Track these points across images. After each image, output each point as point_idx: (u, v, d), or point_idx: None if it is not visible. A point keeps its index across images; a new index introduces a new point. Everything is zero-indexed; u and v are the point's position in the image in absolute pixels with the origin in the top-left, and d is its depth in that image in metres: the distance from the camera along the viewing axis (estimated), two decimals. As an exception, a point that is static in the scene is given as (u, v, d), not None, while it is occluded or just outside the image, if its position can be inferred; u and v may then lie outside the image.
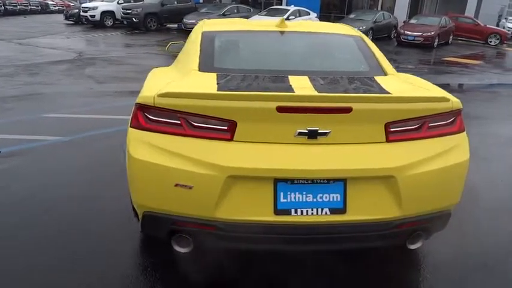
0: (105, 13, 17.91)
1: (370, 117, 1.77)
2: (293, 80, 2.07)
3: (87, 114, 5.34)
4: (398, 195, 1.80)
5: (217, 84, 1.97)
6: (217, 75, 2.13)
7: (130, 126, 1.93)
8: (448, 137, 1.92)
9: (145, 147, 1.84)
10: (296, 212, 1.78)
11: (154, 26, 17.40)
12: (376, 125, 1.79)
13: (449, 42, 17.98)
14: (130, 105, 2.09)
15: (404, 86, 2.11)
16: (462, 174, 1.94)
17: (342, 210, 1.79)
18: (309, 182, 1.77)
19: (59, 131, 4.58)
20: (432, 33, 16.39)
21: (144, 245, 2.52)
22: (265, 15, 17.34)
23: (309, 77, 2.11)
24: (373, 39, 17.24)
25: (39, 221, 2.75)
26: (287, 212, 1.78)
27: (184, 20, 16.86)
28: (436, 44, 16.71)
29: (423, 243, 2.11)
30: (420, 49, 15.90)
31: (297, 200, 1.78)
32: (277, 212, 1.77)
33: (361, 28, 16.98)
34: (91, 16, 17.86)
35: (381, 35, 18.50)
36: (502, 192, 3.47)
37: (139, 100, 1.89)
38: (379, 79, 2.18)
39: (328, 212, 1.79)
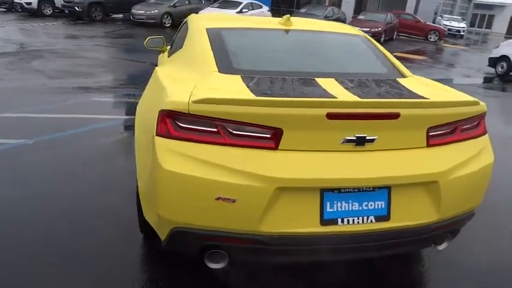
0: (43, 0, 16.57)
1: (415, 123, 1.74)
2: (323, 83, 1.99)
3: (49, 114, 4.89)
4: (438, 199, 1.80)
5: (248, 88, 1.84)
6: (241, 77, 1.99)
7: (157, 135, 1.74)
8: (476, 139, 1.95)
9: (178, 158, 1.68)
10: (343, 221, 1.72)
11: (99, 16, 16.41)
12: (420, 130, 1.78)
13: (394, 38, 18.89)
14: (93, 102, 1.88)
15: (431, 89, 2.11)
16: (489, 175, 2.00)
17: (386, 218, 1.76)
18: (355, 190, 1.71)
19: (22, 133, 4.14)
20: (379, 29, 17.09)
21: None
22: (218, 7, 17.05)
23: (336, 80, 2.05)
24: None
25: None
26: (334, 222, 1.71)
27: (132, 10, 16.09)
28: (382, 39, 17.46)
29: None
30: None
31: (343, 209, 1.71)
32: (323, 222, 1.70)
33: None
34: (27, 3, 16.43)
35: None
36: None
37: (169, 106, 1.71)
38: (403, 82, 2.17)
39: (373, 220, 1.75)
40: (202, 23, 2.68)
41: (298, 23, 2.80)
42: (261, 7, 18.19)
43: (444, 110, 1.78)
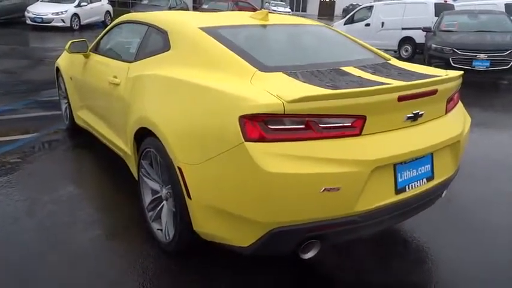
0: None
1: (443, 96, 2.12)
2: (351, 71, 2.21)
3: None
4: (456, 155, 2.26)
5: (307, 82, 1.93)
6: (286, 74, 2.05)
7: (247, 140, 1.70)
8: (460, 104, 2.48)
9: (278, 159, 1.69)
10: (409, 187, 2.00)
11: None
12: (443, 101, 2.17)
13: (236, 25, 19.95)
14: None
15: (423, 68, 2.52)
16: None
17: (432, 177, 2.12)
18: (413, 159, 2.01)
19: None
20: (225, 16, 17.79)
21: None
22: (49, 1, 15.10)
23: (355, 67, 2.29)
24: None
25: None
26: (404, 190, 1.98)
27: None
28: (229, 26, 18.25)
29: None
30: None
31: (407, 177, 2.00)
32: (397, 191, 1.96)
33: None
34: None
35: (177, 19, 18.86)
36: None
37: (260, 109, 1.68)
38: (398, 64, 2.55)
39: (425, 181, 2.08)
40: (187, 23, 2.57)
41: (274, 18, 2.90)
42: (100, 0, 16.84)
43: (455, 83, 2.21)
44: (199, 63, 2.27)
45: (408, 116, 1.95)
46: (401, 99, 1.86)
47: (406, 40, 11.65)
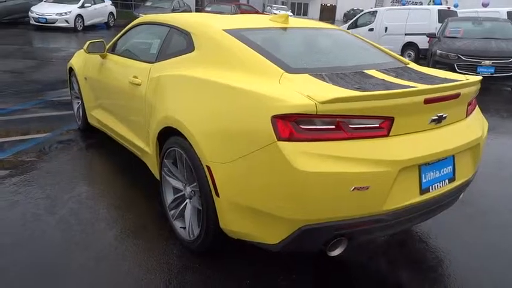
0: None
1: (465, 99, 2.18)
2: (374, 74, 2.26)
3: None
4: (476, 158, 2.31)
5: (335, 84, 1.99)
6: (312, 75, 2.10)
7: (280, 140, 1.75)
8: (477, 108, 2.53)
9: (311, 158, 1.74)
10: (432, 188, 2.05)
11: None
12: (464, 105, 2.22)
13: (239, 28, 20.07)
14: None
15: (441, 73, 2.58)
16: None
17: (453, 179, 2.17)
18: (437, 161, 2.06)
19: None
20: (228, 20, 17.89)
21: None
22: (53, 1, 15.15)
23: (378, 70, 2.34)
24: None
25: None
26: (427, 190, 2.03)
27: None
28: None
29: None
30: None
31: (431, 178, 2.05)
32: (421, 192, 2.00)
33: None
34: None
35: (180, 22, 18.94)
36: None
37: (293, 109, 1.73)
38: (416, 68, 2.60)
39: (447, 183, 2.13)
40: (212, 25, 2.63)
41: (294, 22, 2.96)
42: (104, 1, 16.91)
43: (475, 87, 2.27)
44: (224, 64, 2.32)
45: (433, 118, 2.00)
46: (427, 101, 1.91)
47: (409, 45, 11.75)
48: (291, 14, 29.53)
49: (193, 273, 2.29)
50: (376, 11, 12.90)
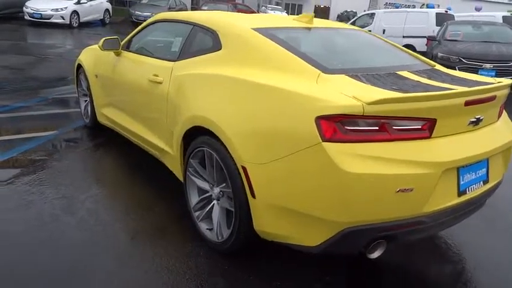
0: None
1: (499, 102, 2.18)
2: (407, 75, 2.25)
3: None
4: (506, 161, 2.31)
5: (373, 85, 1.97)
6: (348, 76, 2.08)
7: (325, 141, 1.73)
8: (504, 111, 2.54)
9: (357, 159, 1.71)
10: (469, 190, 2.05)
11: None
12: (497, 107, 2.23)
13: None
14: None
15: (470, 75, 2.58)
16: None
17: (487, 181, 2.17)
18: (473, 163, 2.06)
19: None
20: (224, 19, 17.84)
21: None
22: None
23: (410, 72, 2.33)
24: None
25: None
26: (465, 192, 2.02)
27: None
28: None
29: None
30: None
31: (468, 180, 2.04)
32: (459, 193, 2.00)
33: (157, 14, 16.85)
34: None
35: (175, 20, 18.82)
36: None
37: (339, 110, 1.71)
38: (446, 70, 2.60)
39: (482, 184, 2.13)
40: (236, 22, 2.59)
41: (318, 22, 2.93)
42: (99, -2, 16.72)
43: (507, 90, 2.27)
44: (256, 64, 2.28)
45: (471, 120, 2.00)
46: (468, 103, 1.90)
47: (406, 47, 11.81)
48: (286, 14, 29.56)
49: (222, 275, 2.25)
50: (374, 13, 12.97)
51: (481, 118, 2.04)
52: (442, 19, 11.15)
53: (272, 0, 36.18)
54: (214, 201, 2.42)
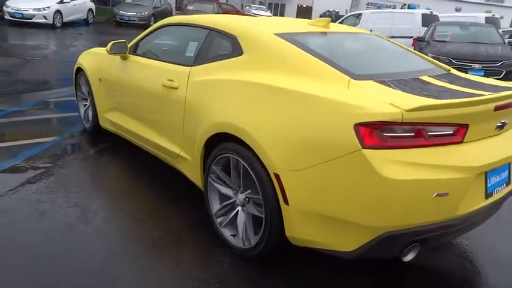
0: None
1: (520, 107, 2.24)
2: (430, 80, 2.29)
3: None
4: None
5: (402, 91, 1.99)
6: (376, 82, 2.10)
7: (365, 147, 1.74)
8: None
9: (396, 166, 1.74)
10: (494, 192, 2.10)
11: None
12: None
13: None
14: None
15: (484, 79, 2.63)
16: None
17: (509, 183, 2.23)
18: (499, 166, 2.11)
19: None
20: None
21: None
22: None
23: (431, 76, 2.37)
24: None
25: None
26: (491, 194, 2.07)
27: None
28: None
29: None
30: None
31: (493, 182, 2.09)
32: (486, 196, 2.05)
33: (143, 14, 16.68)
34: None
35: (160, 20, 18.64)
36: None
37: (379, 117, 1.73)
38: (462, 74, 2.66)
39: (505, 186, 2.19)
40: (257, 27, 2.60)
41: (335, 27, 2.95)
42: (82, -3, 16.40)
43: None
44: (282, 70, 2.27)
45: (497, 125, 2.05)
46: (497, 108, 1.95)
47: (394, 48, 12.00)
48: (270, 14, 29.63)
49: (251, 283, 2.24)
50: (361, 14, 13.13)
51: (506, 122, 2.10)
52: (427, 20, 11.38)
53: (255, 0, 36.20)
54: (239, 208, 2.41)
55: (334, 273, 2.35)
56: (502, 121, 2.07)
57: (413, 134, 1.80)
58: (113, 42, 3.45)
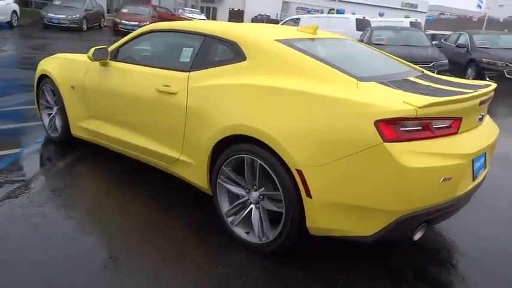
0: None
1: (489, 101, 2.61)
2: (417, 80, 2.60)
3: None
4: (493, 150, 2.78)
5: (404, 91, 2.26)
6: (378, 83, 2.34)
7: (386, 141, 1.97)
8: None
9: (412, 156, 1.98)
10: (478, 175, 2.44)
11: None
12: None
13: (156, 31, 19.46)
14: None
15: (458, 79, 2.99)
16: None
17: (485, 166, 2.59)
18: (481, 153, 2.45)
19: None
20: (147, 22, 17.29)
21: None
22: None
23: (416, 77, 2.69)
24: (88, 29, 16.54)
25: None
26: (476, 177, 2.41)
27: None
28: (151, 33, 17.81)
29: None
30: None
31: (477, 166, 2.42)
32: (473, 178, 2.38)
33: (74, 17, 15.89)
34: None
35: (93, 24, 17.83)
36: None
37: (398, 114, 1.96)
38: (436, 75, 3.01)
39: (483, 170, 2.55)
40: (256, 34, 2.74)
41: (321, 33, 3.15)
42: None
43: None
44: (290, 74, 2.42)
45: (479, 117, 2.40)
46: (481, 103, 2.29)
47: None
48: (205, 18, 29.61)
49: (273, 275, 2.36)
50: (299, 18, 13.73)
51: (484, 115, 2.46)
52: (361, 24, 12.25)
53: (188, 3, 35.90)
54: (252, 206, 2.53)
55: (353, 260, 2.54)
56: (482, 114, 2.43)
57: (421, 128, 2.06)
58: (95, 48, 3.37)
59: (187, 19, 23.04)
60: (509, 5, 65.61)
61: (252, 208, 2.54)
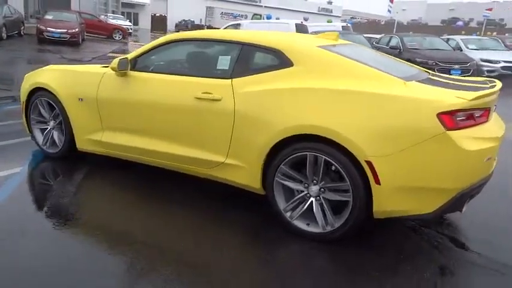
0: None
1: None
2: (439, 78, 3.04)
3: None
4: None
5: (444, 88, 2.65)
6: (419, 82, 2.70)
7: (448, 130, 2.33)
8: None
9: (468, 140, 2.38)
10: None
11: None
12: None
13: (84, 39, 18.42)
14: None
15: (460, 77, 3.49)
16: None
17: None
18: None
19: None
20: (76, 29, 16.41)
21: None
22: None
23: (432, 76, 3.12)
24: (7, 38, 15.21)
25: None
26: (495, 158, 2.89)
27: None
28: (80, 40, 16.85)
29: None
30: (70, 46, 15.73)
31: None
32: (494, 158, 2.86)
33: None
34: None
35: (12, 32, 16.40)
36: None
37: (457, 106, 2.34)
38: (442, 74, 3.48)
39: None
40: (298, 41, 2.98)
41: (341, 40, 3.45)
42: None
43: None
44: (339, 76, 2.69)
45: (494, 108, 2.89)
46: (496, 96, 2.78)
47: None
48: (130, 24, 28.62)
49: (335, 255, 2.60)
50: (240, 24, 14.06)
51: (496, 106, 2.96)
52: (300, 29, 12.92)
53: (108, 8, 34.33)
54: (312, 199, 2.75)
55: (413, 239, 2.88)
56: (495, 105, 2.93)
57: (468, 117, 2.46)
58: (119, 59, 3.32)
59: (115, 25, 22.22)
60: (411, 10, 73.93)
61: (312, 201, 2.75)
